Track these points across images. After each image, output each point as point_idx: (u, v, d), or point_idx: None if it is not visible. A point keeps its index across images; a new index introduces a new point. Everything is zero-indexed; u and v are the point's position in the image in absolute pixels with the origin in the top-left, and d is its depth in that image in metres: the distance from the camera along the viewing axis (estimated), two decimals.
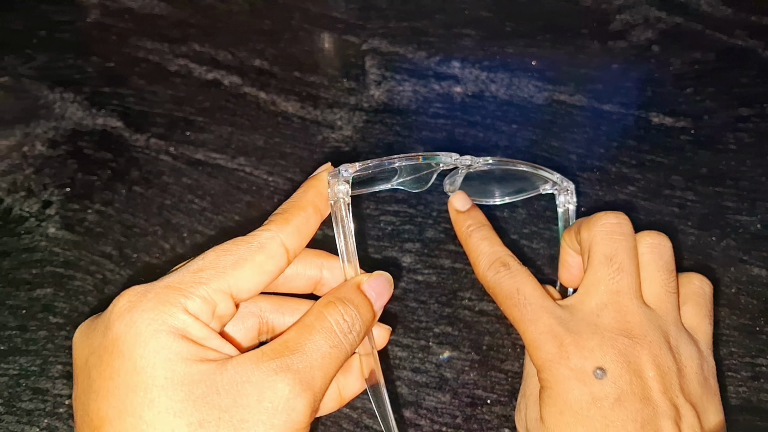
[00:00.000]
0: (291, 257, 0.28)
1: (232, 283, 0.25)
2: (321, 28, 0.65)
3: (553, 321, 0.30)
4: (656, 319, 0.30)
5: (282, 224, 0.27)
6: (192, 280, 0.25)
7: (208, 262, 0.26)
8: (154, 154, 0.53)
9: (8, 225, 0.49)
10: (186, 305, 0.24)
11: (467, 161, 0.34)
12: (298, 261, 0.30)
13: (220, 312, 0.25)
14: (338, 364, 0.26)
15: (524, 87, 0.58)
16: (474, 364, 0.40)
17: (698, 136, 0.54)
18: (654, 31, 0.64)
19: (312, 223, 0.29)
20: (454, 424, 0.38)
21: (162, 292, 0.24)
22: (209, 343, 0.24)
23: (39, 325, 0.43)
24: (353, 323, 0.27)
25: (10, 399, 0.39)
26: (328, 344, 0.25)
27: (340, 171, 0.30)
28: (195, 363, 0.23)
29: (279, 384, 0.23)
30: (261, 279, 0.27)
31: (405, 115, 0.56)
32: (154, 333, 0.23)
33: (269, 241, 0.27)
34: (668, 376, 0.29)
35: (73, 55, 0.62)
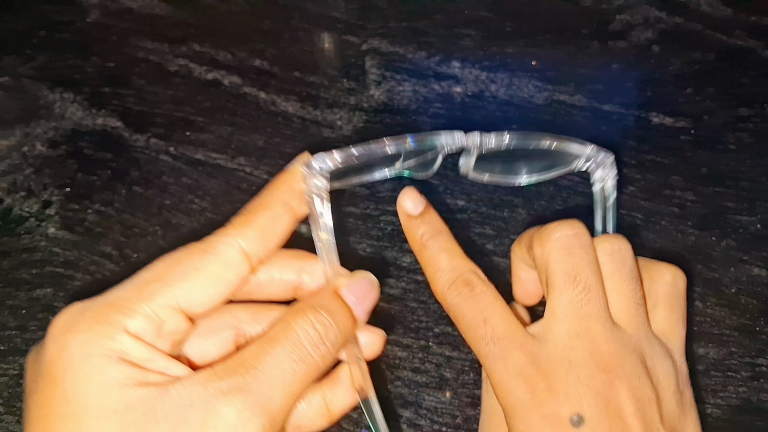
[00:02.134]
0: (254, 263, 0.25)
1: (181, 296, 0.23)
2: (321, 28, 0.65)
3: (524, 359, 0.26)
4: (629, 341, 0.27)
5: (242, 227, 0.25)
6: (134, 296, 0.23)
7: (155, 274, 0.24)
8: (154, 154, 0.53)
9: (8, 225, 0.49)
10: (126, 325, 0.22)
11: (475, 141, 0.30)
12: (272, 265, 0.28)
13: (169, 329, 0.23)
14: (305, 380, 0.23)
15: (524, 87, 0.58)
16: (474, 364, 0.40)
17: (698, 136, 0.54)
18: (654, 31, 0.64)
19: (282, 224, 0.26)
20: (453, 424, 0.38)
21: (100, 311, 0.22)
22: (153, 365, 0.22)
23: (39, 325, 0.43)
24: (326, 333, 0.24)
25: (9, 399, 0.39)
26: (291, 358, 0.23)
27: (313, 163, 0.26)
28: (132, 388, 0.21)
29: (225, 408, 0.21)
30: (217, 290, 0.24)
31: (405, 115, 0.56)
32: (87, 357, 0.21)
33: (225, 248, 0.24)
34: (648, 408, 0.26)
35: (73, 55, 0.62)
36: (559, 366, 0.26)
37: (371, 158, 0.28)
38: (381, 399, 0.39)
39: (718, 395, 0.39)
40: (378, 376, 0.40)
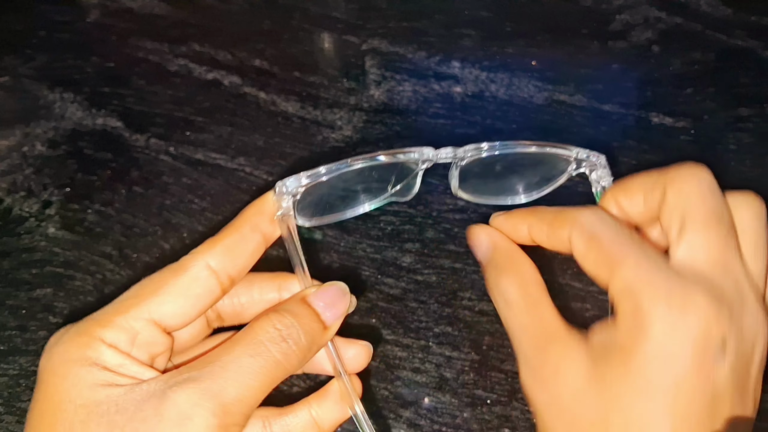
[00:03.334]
0: (223, 279, 0.27)
1: (153, 310, 0.25)
2: (321, 28, 0.65)
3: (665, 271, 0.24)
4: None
5: (208, 246, 0.27)
6: (112, 311, 0.25)
7: (132, 291, 0.26)
8: (154, 154, 0.53)
9: (8, 225, 0.49)
10: (102, 335, 0.24)
11: (447, 154, 0.30)
12: (252, 286, 0.30)
13: (144, 340, 0.25)
14: (263, 373, 0.24)
15: (524, 87, 0.58)
16: (474, 364, 0.40)
17: (698, 137, 0.54)
18: (654, 31, 0.64)
19: (249, 243, 0.28)
20: (453, 424, 0.38)
21: (82, 326, 0.25)
22: (125, 370, 0.24)
23: (39, 325, 0.43)
24: (288, 332, 0.25)
25: (9, 399, 0.39)
26: (248, 353, 0.24)
27: (279, 186, 0.28)
28: (101, 388, 0.23)
29: (176, 396, 0.23)
30: (188, 303, 0.26)
31: (405, 115, 0.56)
32: (65, 362, 0.24)
33: (192, 264, 0.26)
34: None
35: (73, 55, 0.62)
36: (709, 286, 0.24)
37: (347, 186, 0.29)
38: (381, 399, 0.39)
39: None
40: (378, 375, 0.40)
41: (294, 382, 0.40)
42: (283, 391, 0.40)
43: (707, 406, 0.23)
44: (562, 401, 0.25)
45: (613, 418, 0.24)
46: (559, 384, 0.25)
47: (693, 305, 0.23)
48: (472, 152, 0.30)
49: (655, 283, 0.24)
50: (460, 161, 0.30)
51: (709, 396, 0.23)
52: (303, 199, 0.29)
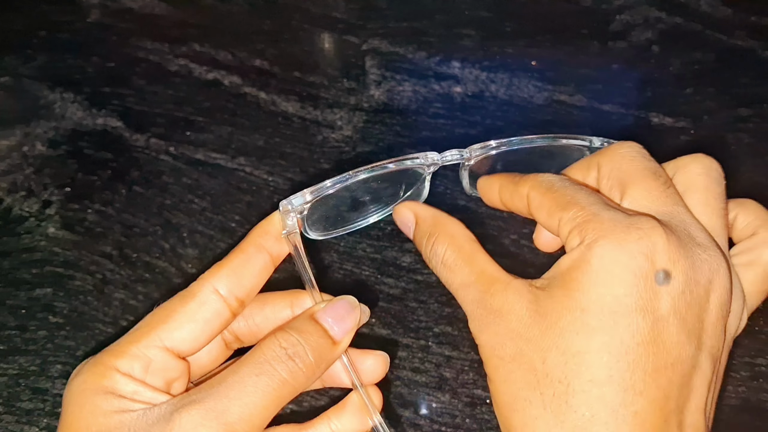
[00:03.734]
0: (231, 302, 0.27)
1: (165, 337, 0.26)
2: (321, 28, 0.65)
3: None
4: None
5: (214, 270, 0.28)
6: (126, 341, 0.26)
7: (144, 321, 0.27)
8: (154, 154, 0.53)
9: (8, 225, 0.49)
10: (117, 365, 0.26)
11: (453, 156, 0.29)
12: (265, 305, 0.30)
13: (158, 366, 0.26)
14: (269, 392, 0.25)
15: (524, 87, 0.58)
16: (473, 363, 0.40)
17: (698, 137, 0.54)
18: (654, 31, 0.64)
19: (255, 264, 0.28)
20: (453, 423, 0.38)
21: (99, 357, 0.26)
22: (140, 396, 0.25)
23: (39, 324, 0.43)
24: (294, 350, 0.26)
25: (9, 399, 0.39)
26: (253, 372, 0.25)
27: (284, 204, 0.28)
28: (117, 414, 0.24)
29: (181, 418, 0.24)
30: (198, 328, 0.27)
31: (405, 115, 0.56)
32: (83, 392, 0.25)
33: (199, 289, 0.27)
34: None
35: (74, 55, 0.62)
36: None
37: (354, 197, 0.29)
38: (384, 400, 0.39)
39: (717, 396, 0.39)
40: None
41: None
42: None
43: (646, 341, 0.22)
44: (504, 339, 0.25)
45: (550, 349, 0.24)
46: (502, 323, 0.25)
47: (637, 231, 0.23)
48: (478, 151, 0.30)
49: (601, 216, 0.24)
50: (467, 162, 0.30)
51: (648, 328, 0.22)
52: (312, 214, 0.29)
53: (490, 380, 0.26)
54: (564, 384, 0.23)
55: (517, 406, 0.25)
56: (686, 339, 0.23)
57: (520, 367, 0.25)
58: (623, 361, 0.22)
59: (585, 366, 0.23)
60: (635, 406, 0.22)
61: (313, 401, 0.39)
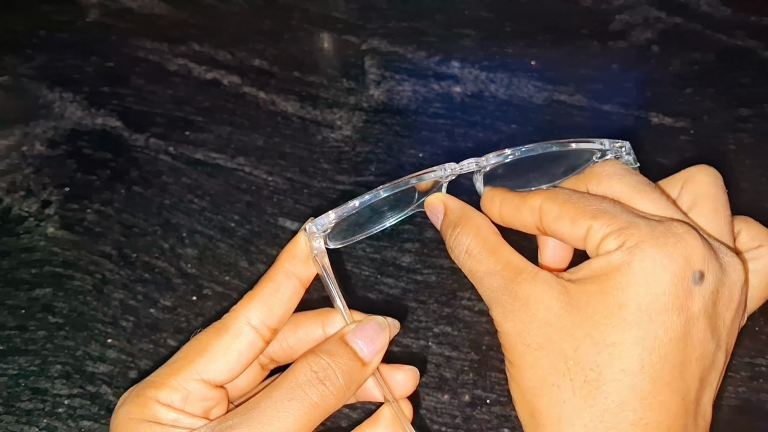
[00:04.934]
0: (264, 332, 0.29)
1: (201, 369, 0.28)
2: (321, 28, 0.65)
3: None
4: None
5: (246, 302, 0.29)
6: (164, 374, 0.28)
7: (182, 354, 0.29)
8: (154, 154, 0.53)
9: (7, 225, 0.49)
10: (158, 397, 0.27)
11: (471, 166, 0.30)
12: (298, 327, 0.31)
13: (196, 396, 0.28)
14: (301, 416, 0.26)
15: (524, 87, 0.58)
16: (473, 364, 0.40)
17: (698, 137, 0.54)
18: (654, 31, 0.64)
19: (285, 291, 0.29)
20: (453, 423, 0.38)
21: (141, 389, 0.28)
22: (180, 423, 0.27)
23: (38, 324, 0.43)
24: (325, 374, 0.27)
25: (9, 399, 0.39)
26: (286, 397, 0.26)
27: (309, 227, 0.29)
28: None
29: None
30: (232, 359, 0.28)
31: (404, 115, 0.56)
32: (128, 421, 0.27)
33: (233, 322, 0.28)
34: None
35: (73, 54, 0.62)
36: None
37: (374, 209, 0.30)
38: None
39: (718, 395, 0.39)
40: None
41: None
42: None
43: (678, 337, 0.24)
44: (531, 327, 0.26)
45: (584, 339, 0.25)
46: (529, 311, 0.26)
47: (674, 236, 0.25)
48: (494, 160, 0.30)
49: (637, 223, 0.26)
50: (483, 169, 0.31)
51: (681, 325, 0.24)
52: (333, 229, 0.29)
53: (513, 366, 0.27)
54: (596, 372, 0.24)
55: (545, 390, 0.25)
56: (710, 336, 0.25)
57: (548, 355, 0.25)
58: (656, 355, 0.24)
59: (618, 357, 0.24)
60: (662, 395, 0.24)
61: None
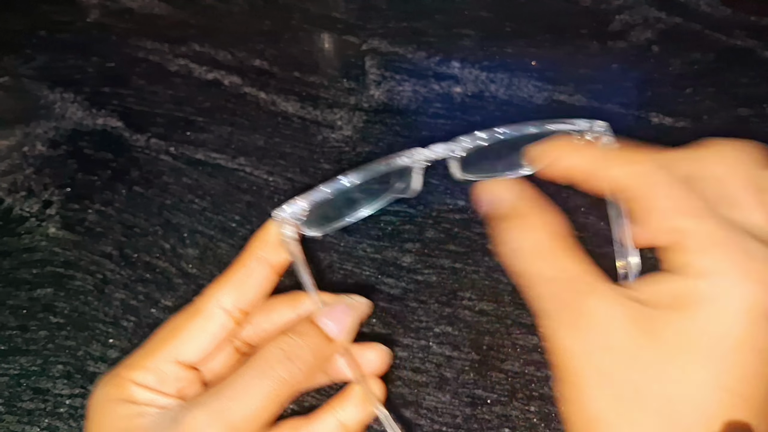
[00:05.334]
0: (235, 314, 0.30)
1: (174, 351, 0.29)
2: (321, 28, 0.65)
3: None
4: None
5: (217, 285, 0.30)
6: (140, 356, 0.30)
7: (155, 337, 0.30)
8: (154, 154, 0.53)
9: (8, 225, 0.49)
10: (134, 378, 0.29)
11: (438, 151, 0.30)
12: (271, 311, 0.32)
13: (171, 377, 0.29)
14: (270, 392, 0.27)
15: (524, 87, 0.58)
16: (474, 363, 0.40)
17: (698, 137, 0.54)
18: (653, 31, 0.64)
19: (257, 276, 0.30)
20: (454, 423, 0.38)
21: (117, 371, 0.29)
22: (155, 403, 0.28)
23: (39, 325, 0.43)
24: (293, 352, 0.28)
25: (10, 399, 0.39)
26: (255, 375, 0.27)
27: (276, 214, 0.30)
28: (135, 418, 0.28)
29: (188, 419, 0.26)
30: (205, 339, 0.29)
31: (405, 115, 0.56)
32: (105, 401, 0.29)
33: (205, 305, 0.30)
34: None
35: (73, 55, 0.62)
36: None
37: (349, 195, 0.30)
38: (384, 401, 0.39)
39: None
40: None
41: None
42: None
43: (758, 377, 0.23)
44: (598, 349, 0.24)
45: (660, 370, 0.23)
46: (597, 332, 0.24)
47: (756, 272, 0.23)
48: (466, 144, 0.30)
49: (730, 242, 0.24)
50: (455, 154, 0.31)
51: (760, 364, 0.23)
52: (309, 215, 0.30)
53: (570, 387, 0.25)
54: (669, 406, 0.23)
55: (610, 419, 0.24)
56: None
57: (616, 382, 0.24)
58: (736, 396, 0.23)
59: (695, 393, 0.23)
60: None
61: (317, 402, 0.39)
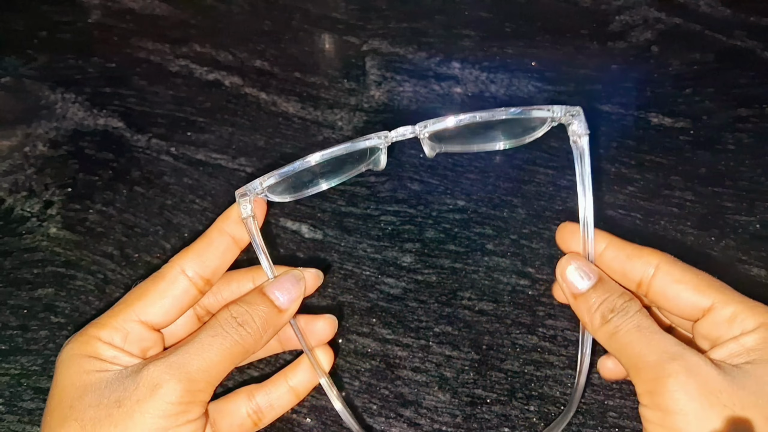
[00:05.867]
0: (197, 281, 0.32)
1: (139, 312, 0.31)
2: (321, 28, 0.65)
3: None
4: None
5: (182, 254, 0.32)
6: (107, 316, 0.31)
7: (123, 299, 0.32)
8: (155, 155, 0.54)
9: (10, 225, 0.49)
10: (99, 335, 0.30)
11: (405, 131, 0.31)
12: (231, 282, 0.34)
13: (135, 336, 0.31)
14: (223, 349, 0.29)
15: (524, 87, 0.58)
16: (474, 363, 0.41)
17: (697, 137, 0.54)
18: (653, 31, 0.64)
19: (219, 246, 0.32)
20: (453, 423, 0.38)
21: (84, 329, 0.31)
22: (118, 360, 0.30)
23: (40, 324, 0.43)
24: (243, 318, 0.30)
25: (11, 398, 0.40)
26: (209, 334, 0.29)
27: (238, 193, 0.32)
28: (98, 373, 0.29)
29: (148, 370, 0.28)
30: (168, 303, 0.31)
31: (405, 116, 0.56)
32: (71, 357, 0.30)
33: (169, 271, 0.32)
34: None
35: (75, 55, 0.62)
36: None
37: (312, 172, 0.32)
38: (382, 398, 0.39)
39: None
40: (378, 375, 0.40)
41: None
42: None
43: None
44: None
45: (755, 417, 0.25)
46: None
47: None
48: (433, 127, 0.31)
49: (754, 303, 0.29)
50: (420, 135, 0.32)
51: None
52: (276, 186, 0.32)
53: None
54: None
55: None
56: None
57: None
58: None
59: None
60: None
61: None
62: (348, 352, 0.41)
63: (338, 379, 0.40)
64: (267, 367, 0.41)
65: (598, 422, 0.37)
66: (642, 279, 0.31)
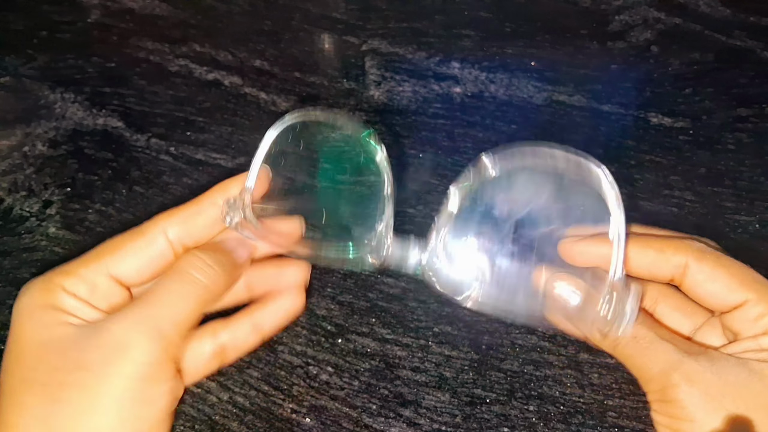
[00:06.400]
0: (177, 247, 0.30)
1: (111, 265, 0.29)
2: (321, 28, 0.65)
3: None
4: None
5: (167, 215, 0.30)
6: (75, 264, 0.29)
7: (95, 250, 0.29)
8: (155, 154, 0.54)
9: (9, 224, 0.49)
10: (63, 284, 0.28)
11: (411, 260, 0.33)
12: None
13: (102, 290, 0.28)
14: (194, 297, 0.28)
15: (523, 87, 0.58)
16: (473, 363, 0.40)
17: (697, 137, 0.54)
18: (653, 31, 0.64)
19: (207, 217, 0.30)
20: (453, 423, 0.38)
21: (47, 276, 0.28)
22: (82, 314, 0.28)
23: None
24: (213, 259, 0.29)
25: None
26: (177, 281, 0.28)
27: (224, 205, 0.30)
28: (59, 326, 0.27)
29: (113, 327, 0.26)
30: (143, 261, 0.29)
31: (405, 116, 0.56)
32: (30, 307, 0.27)
33: (150, 229, 0.29)
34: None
35: (74, 55, 0.62)
36: None
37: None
38: (381, 397, 0.39)
39: None
40: (378, 375, 0.40)
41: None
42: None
43: None
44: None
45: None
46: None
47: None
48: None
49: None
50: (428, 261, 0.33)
51: None
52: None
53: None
54: None
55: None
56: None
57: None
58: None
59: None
60: None
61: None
62: (347, 352, 0.41)
63: (338, 378, 0.40)
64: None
65: (597, 422, 0.37)
66: (673, 277, 0.30)
